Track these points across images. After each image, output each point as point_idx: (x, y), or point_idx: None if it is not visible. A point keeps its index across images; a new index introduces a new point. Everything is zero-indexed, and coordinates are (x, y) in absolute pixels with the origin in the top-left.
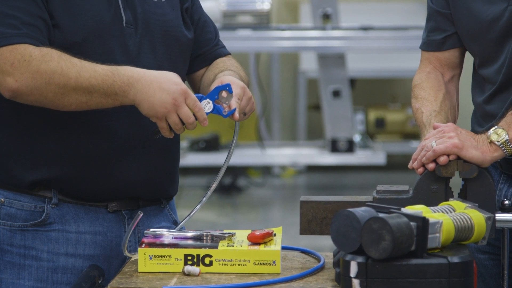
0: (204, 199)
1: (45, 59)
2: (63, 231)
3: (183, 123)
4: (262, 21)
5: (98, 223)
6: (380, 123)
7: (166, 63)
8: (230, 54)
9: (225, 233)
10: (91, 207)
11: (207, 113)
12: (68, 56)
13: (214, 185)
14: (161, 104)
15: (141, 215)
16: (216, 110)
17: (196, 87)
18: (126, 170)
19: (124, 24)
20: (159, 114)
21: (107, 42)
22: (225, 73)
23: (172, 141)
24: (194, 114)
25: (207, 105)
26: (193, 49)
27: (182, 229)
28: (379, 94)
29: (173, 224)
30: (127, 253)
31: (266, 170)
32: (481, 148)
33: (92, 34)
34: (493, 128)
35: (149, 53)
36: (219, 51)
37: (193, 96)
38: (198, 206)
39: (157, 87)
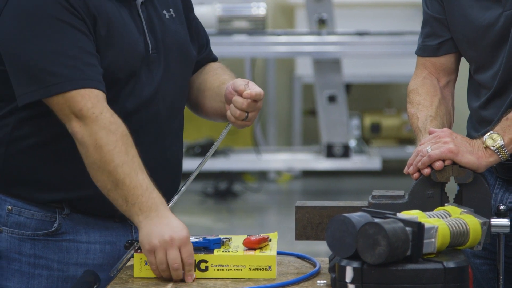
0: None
1: (111, 128)
2: (74, 241)
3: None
4: (257, 26)
5: (108, 233)
6: (376, 128)
7: (179, 79)
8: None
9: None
10: (99, 217)
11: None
12: (131, 142)
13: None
14: (156, 235)
15: (138, 245)
16: None
17: None
18: None
19: (151, 52)
20: (151, 245)
21: (138, 71)
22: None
23: (175, 157)
24: (183, 266)
25: None
26: None
27: None
28: (374, 99)
29: None
30: (113, 274)
31: (261, 175)
32: (477, 153)
33: (131, 68)
34: (488, 133)
35: (166, 72)
36: (212, 57)
37: (191, 249)
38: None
39: (165, 222)
